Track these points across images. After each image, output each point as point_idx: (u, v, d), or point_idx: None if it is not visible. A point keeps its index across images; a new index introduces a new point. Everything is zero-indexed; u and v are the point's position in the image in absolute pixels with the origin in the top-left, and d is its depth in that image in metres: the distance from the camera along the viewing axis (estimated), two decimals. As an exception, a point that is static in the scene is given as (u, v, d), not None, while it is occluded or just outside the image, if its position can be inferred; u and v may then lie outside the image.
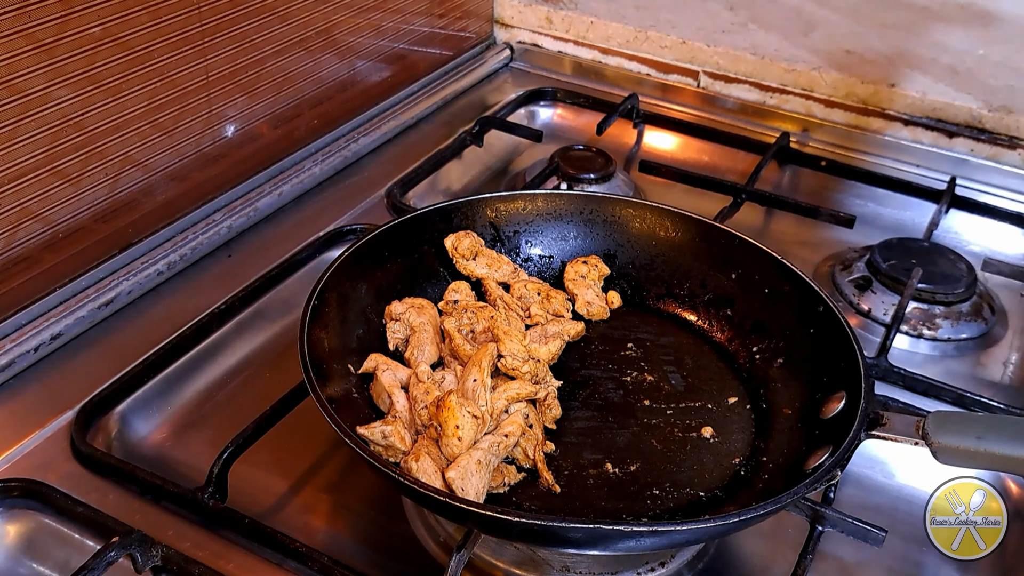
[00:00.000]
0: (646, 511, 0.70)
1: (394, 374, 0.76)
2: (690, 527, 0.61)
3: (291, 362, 0.70)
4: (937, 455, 0.64)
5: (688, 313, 0.88)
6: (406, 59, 1.29)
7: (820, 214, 1.10)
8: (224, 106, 1.01)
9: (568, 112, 1.36)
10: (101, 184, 0.89)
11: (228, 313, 0.89)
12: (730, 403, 0.79)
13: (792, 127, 1.31)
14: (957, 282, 0.99)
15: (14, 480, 0.71)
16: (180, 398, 0.84)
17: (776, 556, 0.74)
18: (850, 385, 0.71)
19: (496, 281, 0.88)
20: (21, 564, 0.70)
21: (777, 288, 0.83)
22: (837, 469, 0.65)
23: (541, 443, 0.73)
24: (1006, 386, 0.93)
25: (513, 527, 0.61)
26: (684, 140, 1.30)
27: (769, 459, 0.73)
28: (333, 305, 0.78)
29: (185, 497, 0.71)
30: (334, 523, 0.75)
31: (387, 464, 0.64)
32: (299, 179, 1.09)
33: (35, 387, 0.82)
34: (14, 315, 0.84)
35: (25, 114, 0.80)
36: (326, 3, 1.11)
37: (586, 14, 1.44)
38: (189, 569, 0.65)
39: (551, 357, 0.81)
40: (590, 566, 0.69)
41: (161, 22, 0.90)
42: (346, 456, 0.79)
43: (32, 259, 0.85)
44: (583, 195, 0.96)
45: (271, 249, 0.99)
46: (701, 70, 1.38)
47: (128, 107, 0.89)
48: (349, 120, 1.20)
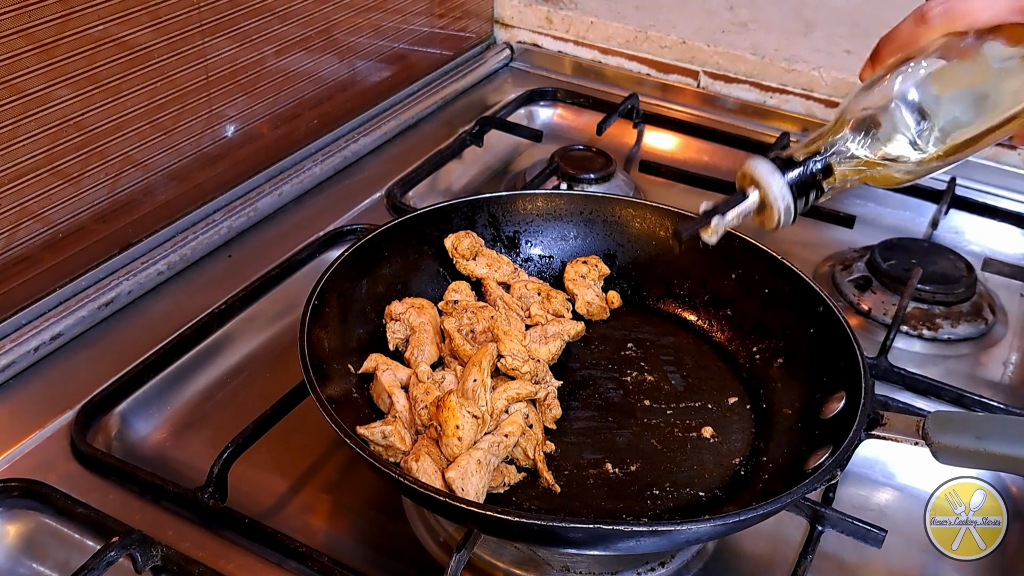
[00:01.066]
0: (646, 511, 0.70)
1: (394, 374, 0.76)
2: (690, 527, 0.61)
3: (291, 362, 0.70)
4: (937, 455, 0.64)
5: (688, 313, 0.88)
6: (406, 59, 1.29)
7: (820, 214, 1.10)
8: (224, 106, 1.01)
9: (568, 112, 1.36)
10: (101, 184, 0.89)
11: (228, 313, 0.89)
12: (730, 403, 0.79)
13: (792, 127, 1.31)
14: (957, 282, 0.99)
15: (14, 480, 0.71)
16: (180, 398, 0.84)
17: (776, 556, 0.74)
18: (850, 385, 0.71)
19: (496, 281, 0.88)
20: (21, 564, 0.70)
21: (777, 288, 0.83)
22: (837, 469, 0.65)
23: (541, 443, 0.73)
24: (1006, 386, 0.93)
25: (513, 527, 0.61)
26: (684, 140, 1.30)
27: (769, 459, 0.73)
28: (333, 305, 0.78)
29: (185, 497, 0.71)
30: (334, 523, 0.75)
31: (387, 464, 0.64)
32: (299, 179, 1.09)
33: (35, 387, 0.82)
34: (14, 315, 0.84)
35: (25, 114, 0.80)
36: (326, 3, 1.11)
37: (586, 14, 1.44)
38: (189, 569, 0.65)
39: (551, 357, 0.81)
40: (590, 566, 0.69)
41: (161, 22, 0.90)
42: (346, 456, 0.79)
43: (32, 259, 0.85)
44: (583, 195, 0.96)
45: (271, 249, 0.99)
46: (701, 70, 1.38)
47: (128, 107, 0.89)
48: (349, 120, 1.20)
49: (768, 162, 0.64)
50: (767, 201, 0.65)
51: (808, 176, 0.64)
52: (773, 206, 0.65)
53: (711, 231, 0.67)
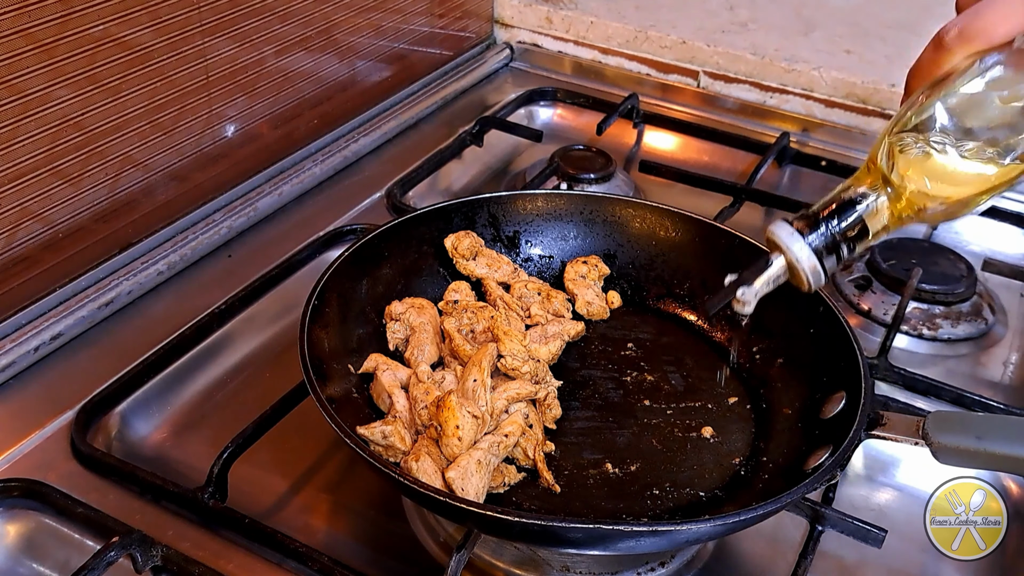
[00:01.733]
0: (646, 511, 0.70)
1: (394, 374, 0.76)
2: (690, 527, 0.61)
3: (291, 362, 0.70)
4: (937, 455, 0.64)
5: (688, 313, 0.88)
6: (406, 59, 1.29)
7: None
8: (224, 106, 1.01)
9: (568, 112, 1.36)
10: (101, 184, 0.89)
11: (228, 313, 0.89)
12: (730, 403, 0.79)
13: (792, 127, 1.31)
14: (957, 282, 0.99)
15: (14, 480, 0.71)
16: (180, 398, 0.84)
17: (776, 556, 0.74)
18: (850, 385, 0.71)
19: (496, 281, 0.88)
20: (21, 564, 0.70)
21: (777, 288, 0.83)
22: (837, 469, 0.65)
23: (541, 443, 0.73)
24: (1006, 386, 0.93)
25: (513, 527, 0.61)
26: (684, 140, 1.30)
27: (769, 459, 0.73)
28: (333, 305, 0.78)
29: (185, 497, 0.71)
30: (334, 523, 0.75)
31: (387, 464, 0.64)
32: (299, 179, 1.09)
33: (35, 387, 0.82)
34: (14, 315, 0.84)
35: (25, 114, 0.80)
36: (326, 3, 1.11)
37: (586, 14, 1.44)
38: (189, 569, 0.65)
39: (551, 357, 0.81)
40: (590, 566, 0.69)
41: (161, 22, 0.90)
42: (346, 456, 0.79)
43: (32, 259, 0.85)
44: (583, 195, 0.96)
45: (271, 249, 0.99)
46: (701, 70, 1.38)
47: (128, 107, 0.89)
48: (349, 120, 1.20)
49: (787, 226, 0.61)
50: (792, 267, 0.62)
51: (830, 237, 0.60)
52: (799, 271, 0.62)
53: (742, 303, 0.65)
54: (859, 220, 0.60)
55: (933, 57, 0.59)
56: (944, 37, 0.58)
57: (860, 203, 0.60)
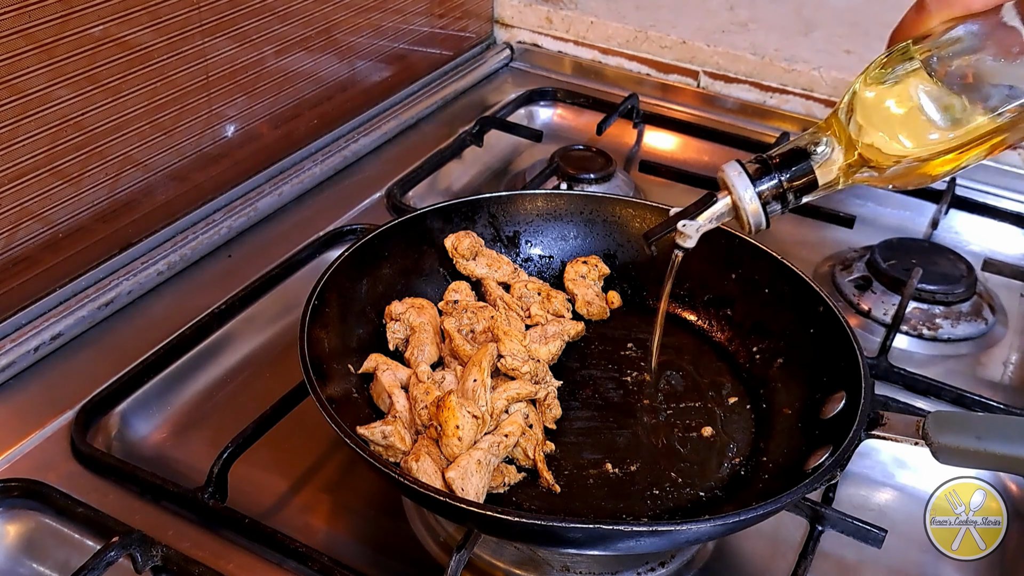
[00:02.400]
0: (646, 511, 0.70)
1: (394, 374, 0.76)
2: (690, 527, 0.61)
3: (291, 362, 0.70)
4: (937, 455, 0.64)
5: (688, 313, 0.88)
6: (406, 59, 1.29)
7: (820, 214, 1.10)
8: (224, 106, 1.01)
9: (568, 112, 1.36)
10: (101, 184, 0.89)
11: (228, 313, 0.89)
12: (730, 403, 0.79)
13: (792, 127, 1.31)
14: (957, 282, 0.99)
15: (14, 480, 0.71)
16: (180, 398, 0.84)
17: (776, 556, 0.74)
18: (850, 385, 0.71)
19: (496, 281, 0.88)
20: (21, 564, 0.70)
21: (777, 288, 0.83)
22: (837, 469, 0.65)
23: (541, 443, 0.73)
24: (1006, 386, 0.93)
25: (513, 527, 0.61)
26: (684, 140, 1.30)
27: (769, 459, 0.73)
28: (333, 305, 0.78)
29: (185, 497, 0.71)
30: (334, 523, 0.75)
31: (387, 464, 0.64)
32: (299, 179, 1.09)
33: (35, 387, 0.82)
34: (14, 315, 0.84)
35: (25, 114, 0.80)
36: (326, 3, 1.11)
37: (586, 14, 1.44)
38: (189, 569, 0.65)
39: (551, 357, 0.81)
40: (590, 566, 0.69)
41: (161, 22, 0.90)
42: (346, 456, 0.79)
43: (32, 259, 0.85)
44: (583, 195, 0.96)
45: (271, 249, 0.99)
46: (701, 70, 1.38)
47: (128, 107, 0.89)
48: (349, 120, 1.20)
49: (739, 167, 0.62)
50: (737, 206, 0.63)
51: (779, 184, 0.61)
52: (743, 213, 0.63)
53: (684, 236, 0.66)
54: (809, 170, 0.61)
55: (915, 18, 0.61)
56: (926, 1, 0.60)
57: (814, 154, 0.61)
